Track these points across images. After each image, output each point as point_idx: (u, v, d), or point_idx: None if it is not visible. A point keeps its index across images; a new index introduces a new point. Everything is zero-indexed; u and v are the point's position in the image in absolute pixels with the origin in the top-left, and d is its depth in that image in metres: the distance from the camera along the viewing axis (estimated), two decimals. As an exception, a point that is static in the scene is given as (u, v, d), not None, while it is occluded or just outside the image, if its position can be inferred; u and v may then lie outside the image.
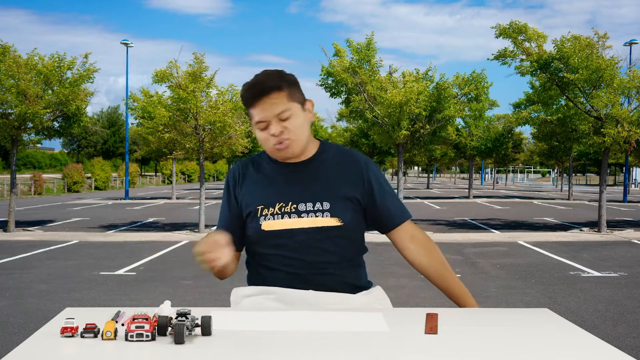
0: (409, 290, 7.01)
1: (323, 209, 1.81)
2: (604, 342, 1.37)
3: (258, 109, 1.79)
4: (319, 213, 1.81)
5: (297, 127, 1.81)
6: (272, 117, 1.78)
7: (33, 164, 69.56)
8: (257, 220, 1.83)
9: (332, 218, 1.81)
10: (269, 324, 1.53)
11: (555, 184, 53.96)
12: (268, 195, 1.85)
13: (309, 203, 1.81)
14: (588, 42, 12.28)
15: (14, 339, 4.81)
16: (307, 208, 1.81)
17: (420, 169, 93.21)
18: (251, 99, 1.80)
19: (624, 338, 4.96)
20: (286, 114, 1.78)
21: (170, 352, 1.30)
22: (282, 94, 1.79)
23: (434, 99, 13.31)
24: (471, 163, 30.11)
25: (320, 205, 1.81)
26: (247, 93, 1.81)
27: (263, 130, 1.80)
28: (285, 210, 1.81)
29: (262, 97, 1.78)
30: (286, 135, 1.79)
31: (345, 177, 1.86)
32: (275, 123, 1.78)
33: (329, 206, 1.81)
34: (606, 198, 13.84)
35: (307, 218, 1.80)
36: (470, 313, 1.76)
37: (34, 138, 14.45)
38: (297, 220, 1.80)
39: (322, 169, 1.87)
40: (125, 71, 34.94)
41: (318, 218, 1.80)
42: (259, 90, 1.78)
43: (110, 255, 9.84)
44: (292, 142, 1.80)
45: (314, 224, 1.80)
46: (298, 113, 1.82)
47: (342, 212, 1.82)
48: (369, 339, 1.41)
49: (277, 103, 1.78)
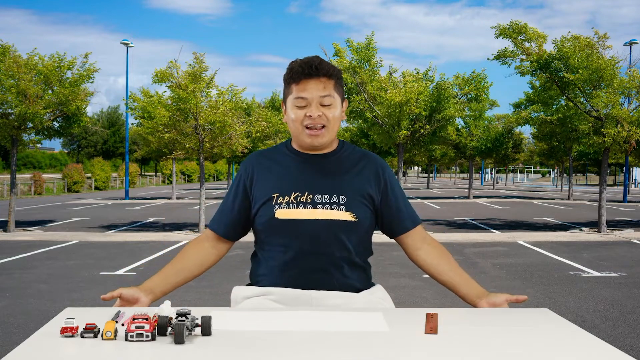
0: (409, 290, 7.01)
1: (339, 202, 1.81)
2: (604, 342, 1.37)
3: (304, 86, 1.79)
4: (335, 206, 1.81)
5: (334, 118, 1.82)
6: (316, 98, 1.79)
7: (33, 164, 69.54)
8: (271, 208, 1.82)
9: (347, 212, 1.81)
10: (269, 324, 1.53)
11: (555, 184, 53.95)
12: (284, 183, 1.84)
13: (325, 195, 1.81)
14: (588, 42, 12.28)
15: (14, 339, 4.81)
16: (323, 200, 1.81)
17: (420, 169, 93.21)
18: (301, 74, 1.79)
19: (624, 338, 4.96)
20: (329, 100, 1.80)
21: (170, 352, 1.30)
22: (332, 82, 1.81)
23: (434, 99, 13.31)
24: (471, 163, 30.10)
25: (337, 199, 1.81)
26: (299, 68, 1.80)
27: (300, 108, 1.80)
28: (300, 200, 1.81)
29: (313, 76, 1.78)
30: (323, 121, 1.80)
31: (362, 175, 1.87)
32: (316, 105, 1.79)
33: (345, 200, 1.82)
34: (606, 198, 13.84)
35: (322, 210, 1.80)
36: (470, 313, 1.76)
37: (34, 138, 14.45)
38: (312, 211, 1.80)
39: (341, 164, 1.88)
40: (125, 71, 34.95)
41: (333, 211, 1.80)
42: (313, 69, 1.78)
43: (110, 255, 9.84)
44: (325, 132, 1.81)
45: (328, 216, 1.80)
46: (337, 106, 1.84)
47: (357, 207, 1.82)
48: (369, 339, 1.41)
49: (326, 87, 1.80)
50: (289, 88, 1.83)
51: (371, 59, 13.18)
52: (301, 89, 1.79)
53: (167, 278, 1.92)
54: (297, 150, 1.90)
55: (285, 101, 1.87)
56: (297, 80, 1.80)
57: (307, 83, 1.79)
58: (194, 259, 1.98)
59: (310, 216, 1.79)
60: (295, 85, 1.80)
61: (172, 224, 15.32)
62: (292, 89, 1.81)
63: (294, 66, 1.81)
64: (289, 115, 1.83)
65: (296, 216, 1.80)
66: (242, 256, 9.58)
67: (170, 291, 1.90)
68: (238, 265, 8.68)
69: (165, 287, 1.90)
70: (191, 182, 56.84)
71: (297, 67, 1.80)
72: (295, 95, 1.80)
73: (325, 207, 1.80)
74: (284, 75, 1.85)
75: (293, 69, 1.81)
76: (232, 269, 8.40)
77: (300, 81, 1.79)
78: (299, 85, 1.79)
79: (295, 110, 1.81)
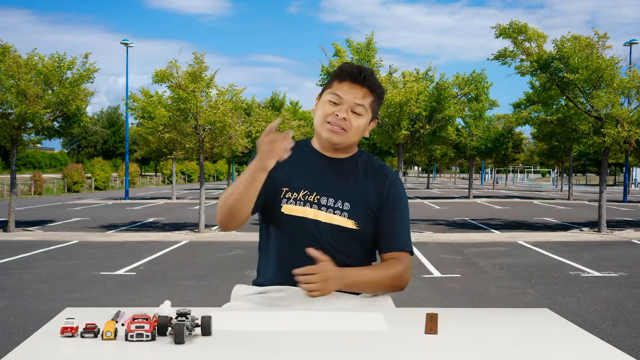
0: (409, 290, 7.00)
1: (342, 208, 1.83)
2: (604, 342, 1.37)
3: (346, 87, 1.81)
4: (338, 211, 1.82)
5: (358, 127, 1.83)
6: (350, 103, 1.81)
7: (33, 164, 69.53)
8: (279, 202, 1.83)
9: (349, 220, 1.82)
10: (269, 324, 1.53)
11: (555, 184, 53.95)
12: (296, 179, 1.86)
13: (331, 199, 1.83)
14: (588, 42, 12.28)
15: (14, 339, 4.81)
16: (328, 203, 1.83)
17: (420, 169, 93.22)
18: (348, 75, 1.81)
19: (624, 338, 4.96)
20: (361, 110, 1.82)
21: (170, 352, 1.30)
22: (372, 97, 1.84)
23: (434, 99, 13.31)
24: (471, 163, 30.10)
25: (341, 204, 1.83)
26: (349, 68, 1.83)
27: (332, 105, 1.81)
28: (308, 198, 1.83)
29: (358, 83, 1.81)
30: (345, 125, 1.81)
31: (371, 185, 1.87)
32: (346, 109, 1.81)
33: (349, 207, 1.83)
34: (606, 198, 13.84)
35: (325, 213, 1.82)
36: (470, 313, 1.76)
37: (34, 138, 14.45)
38: (316, 212, 1.82)
39: (353, 171, 1.88)
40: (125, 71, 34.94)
41: (336, 216, 1.82)
42: (362, 78, 1.81)
43: (110, 255, 9.84)
44: (344, 135, 1.82)
45: (330, 220, 1.82)
46: (366, 120, 1.85)
47: (359, 216, 1.83)
48: (369, 339, 1.41)
49: (364, 97, 1.82)
50: (331, 83, 1.85)
51: (371, 59, 13.18)
52: (342, 88, 1.81)
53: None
54: (316, 150, 1.91)
55: (321, 94, 1.88)
56: (342, 79, 1.82)
57: (351, 86, 1.81)
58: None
59: (314, 216, 1.81)
60: (338, 83, 1.82)
61: (172, 224, 15.32)
62: (333, 85, 1.84)
63: (345, 66, 1.85)
64: (319, 108, 1.86)
65: (301, 214, 1.81)
66: (242, 256, 9.58)
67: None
68: (238, 265, 8.68)
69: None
70: (191, 182, 56.85)
71: (348, 67, 1.83)
72: (333, 90, 1.82)
73: (328, 210, 1.82)
74: (333, 72, 1.88)
75: (343, 68, 1.84)
76: (232, 269, 8.40)
77: (344, 81, 1.82)
78: (341, 84, 1.82)
79: (327, 105, 1.83)
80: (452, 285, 7.37)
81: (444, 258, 9.58)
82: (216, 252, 10.21)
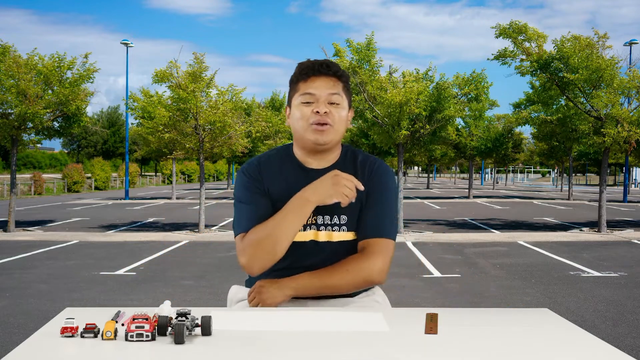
0: (409, 290, 7.01)
1: (340, 223, 1.79)
2: (604, 342, 1.37)
3: (312, 83, 1.75)
4: (336, 227, 1.79)
5: (340, 118, 1.77)
6: (325, 95, 1.74)
7: (33, 164, 69.53)
8: None
9: (348, 232, 1.79)
10: (269, 324, 1.53)
11: (555, 184, 53.95)
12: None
13: (326, 216, 1.79)
14: (588, 42, 12.28)
15: (14, 339, 4.81)
16: (325, 221, 1.79)
17: (420, 169, 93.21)
18: (311, 71, 1.75)
19: (624, 338, 4.96)
20: (337, 99, 1.76)
21: (170, 352, 1.30)
22: (340, 84, 1.78)
23: (434, 99, 13.30)
24: (471, 163, 30.10)
25: (338, 219, 1.79)
26: (311, 65, 1.77)
27: (307, 105, 1.74)
28: (306, 221, 1.78)
29: (322, 74, 1.75)
30: (329, 119, 1.74)
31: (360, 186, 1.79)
32: (324, 102, 1.74)
33: (345, 220, 1.79)
34: (606, 198, 13.84)
35: (324, 231, 1.79)
36: (470, 313, 1.76)
37: (34, 138, 14.45)
38: (315, 233, 1.78)
39: None
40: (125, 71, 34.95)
41: (335, 232, 1.79)
42: (324, 67, 1.76)
43: (110, 255, 9.84)
44: (331, 130, 1.74)
45: (330, 238, 1.79)
46: (345, 108, 1.79)
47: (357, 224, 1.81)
48: (369, 339, 1.41)
49: (334, 86, 1.76)
50: (295, 87, 1.79)
51: (371, 59, 13.17)
52: (309, 86, 1.75)
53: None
54: (301, 164, 1.81)
55: (290, 102, 1.80)
56: (305, 77, 1.76)
57: (317, 80, 1.75)
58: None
59: (314, 237, 1.78)
60: (304, 83, 1.76)
61: (172, 224, 15.32)
62: (299, 87, 1.77)
63: (303, 64, 1.78)
64: (294, 115, 1.77)
65: (301, 239, 1.77)
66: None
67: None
68: (238, 265, 8.68)
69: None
70: (191, 182, 56.83)
71: (308, 63, 1.78)
72: (302, 91, 1.75)
73: (327, 228, 1.79)
74: (291, 77, 1.80)
75: (302, 66, 1.78)
76: (232, 269, 8.40)
77: (309, 78, 1.75)
78: (307, 82, 1.76)
79: (302, 107, 1.75)
80: (452, 285, 7.37)
81: (444, 258, 9.58)
82: (216, 252, 10.21)
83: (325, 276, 1.74)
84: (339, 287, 1.75)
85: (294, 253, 1.75)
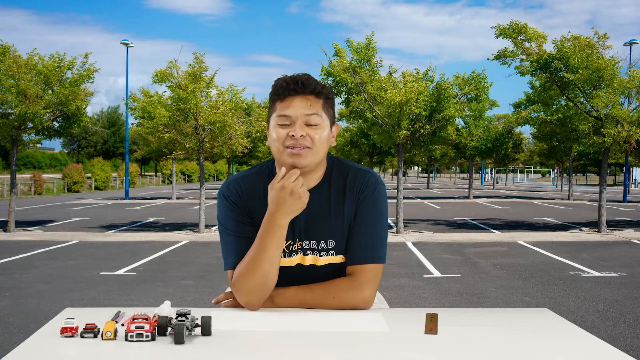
0: (409, 290, 7.01)
1: (328, 247, 1.73)
2: (604, 342, 1.37)
3: (288, 104, 1.64)
4: (324, 252, 1.73)
5: (321, 140, 1.65)
6: (301, 117, 1.63)
7: (33, 164, 69.51)
8: None
9: (337, 256, 1.74)
10: (269, 324, 1.53)
11: (555, 184, 53.95)
12: None
13: (313, 241, 1.73)
14: (588, 42, 12.28)
15: (14, 339, 4.81)
16: (311, 246, 1.74)
17: (420, 169, 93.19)
18: (286, 90, 1.64)
19: (624, 338, 4.96)
20: (316, 119, 1.64)
21: (170, 352, 1.30)
22: (320, 102, 1.67)
23: (434, 99, 13.29)
24: (471, 163, 30.10)
25: (325, 244, 1.73)
26: (284, 83, 1.65)
27: (283, 127, 1.64)
28: (292, 248, 1.74)
29: (299, 93, 1.64)
30: (307, 142, 1.63)
31: (348, 206, 1.73)
32: (300, 125, 1.63)
33: (333, 244, 1.73)
34: (606, 198, 13.84)
35: (311, 256, 1.74)
36: (470, 313, 1.76)
37: (34, 138, 14.45)
38: (302, 257, 1.74)
39: (328, 201, 1.73)
40: (125, 71, 34.93)
41: (322, 257, 1.74)
42: (300, 86, 1.64)
43: (110, 255, 9.84)
44: (309, 153, 1.64)
45: (317, 262, 1.74)
46: (325, 127, 1.67)
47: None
48: (369, 339, 1.41)
49: (312, 106, 1.65)
50: (273, 106, 1.68)
51: (371, 59, 13.17)
52: (285, 106, 1.64)
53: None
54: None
55: (269, 120, 1.70)
56: (281, 97, 1.65)
57: (292, 100, 1.64)
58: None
59: (301, 261, 1.74)
60: (280, 103, 1.65)
61: (172, 224, 15.32)
62: (276, 107, 1.66)
63: (278, 82, 1.66)
64: (271, 135, 1.66)
65: (287, 264, 1.74)
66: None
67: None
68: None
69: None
70: (191, 182, 56.84)
71: (282, 82, 1.65)
72: (278, 112, 1.64)
73: (314, 253, 1.73)
74: (269, 93, 1.70)
75: (277, 85, 1.66)
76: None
77: (285, 98, 1.64)
78: (283, 102, 1.64)
79: (278, 129, 1.64)
80: (452, 285, 7.37)
81: (444, 258, 9.58)
82: (216, 252, 10.21)
83: (310, 299, 1.69)
84: (323, 309, 1.70)
85: (281, 278, 1.71)
